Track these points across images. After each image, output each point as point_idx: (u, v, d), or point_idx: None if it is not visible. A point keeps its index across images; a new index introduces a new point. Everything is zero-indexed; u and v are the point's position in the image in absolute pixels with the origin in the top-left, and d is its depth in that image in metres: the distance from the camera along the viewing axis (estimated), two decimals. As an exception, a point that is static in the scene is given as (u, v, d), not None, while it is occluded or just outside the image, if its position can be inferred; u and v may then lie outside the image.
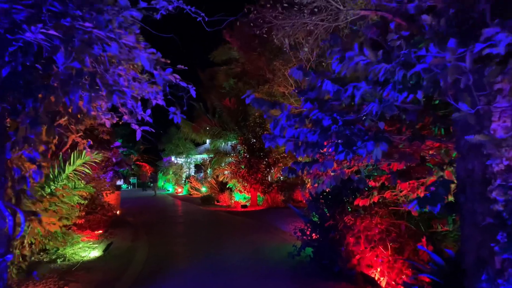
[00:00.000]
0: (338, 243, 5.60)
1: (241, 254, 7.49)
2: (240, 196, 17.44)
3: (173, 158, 31.63)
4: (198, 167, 29.89)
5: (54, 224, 5.42)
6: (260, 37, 15.14)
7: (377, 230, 5.29)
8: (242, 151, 17.04)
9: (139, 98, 3.85)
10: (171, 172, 31.41)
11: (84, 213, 9.03)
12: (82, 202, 7.95)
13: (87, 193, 8.17)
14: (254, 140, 16.55)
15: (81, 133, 4.92)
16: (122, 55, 2.99)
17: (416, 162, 4.00)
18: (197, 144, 28.82)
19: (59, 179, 7.03)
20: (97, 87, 3.34)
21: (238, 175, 16.61)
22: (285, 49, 10.96)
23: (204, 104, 21.83)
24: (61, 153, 7.31)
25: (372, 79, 2.78)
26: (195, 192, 24.65)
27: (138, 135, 4.34)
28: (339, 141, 3.51)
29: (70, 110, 3.50)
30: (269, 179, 17.65)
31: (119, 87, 3.46)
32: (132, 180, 45.08)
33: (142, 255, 7.51)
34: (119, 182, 35.52)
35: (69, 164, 7.24)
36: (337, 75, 3.19)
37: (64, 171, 7.22)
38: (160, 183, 34.08)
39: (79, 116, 3.91)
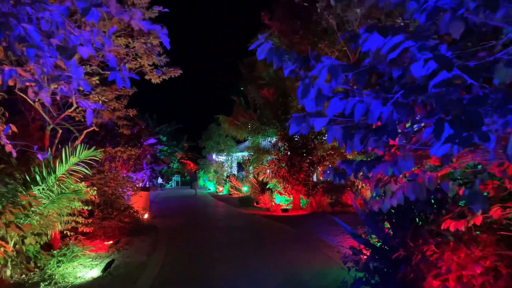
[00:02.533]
0: (413, 284, 3.68)
1: (273, 282, 5.73)
2: (281, 199, 15.63)
3: (214, 156, 30.46)
4: (240, 166, 28.51)
5: (5, 246, 3.99)
6: (301, 18, 13.33)
7: (479, 269, 3.32)
8: (283, 148, 15.26)
9: (71, 48, 2.23)
10: (212, 171, 30.24)
11: (91, 220, 7.78)
12: (86, 207, 6.67)
13: (95, 196, 6.86)
14: (297, 136, 14.68)
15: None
16: None
17: None
18: (238, 142, 27.40)
19: (48, 181, 5.73)
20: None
21: (278, 174, 14.84)
22: (330, 19, 9.00)
23: (245, 99, 20.43)
24: (48, 148, 5.99)
25: None
26: (235, 191, 23.23)
27: (89, 118, 2.73)
28: (444, 116, 1.66)
29: None
30: (314, 179, 15.69)
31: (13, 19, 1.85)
32: (176, 178, 44.93)
33: (148, 278, 6.00)
34: (159, 181, 35.05)
35: (61, 161, 5.90)
36: None
37: (54, 172, 5.90)
38: (201, 182, 33.10)
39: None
